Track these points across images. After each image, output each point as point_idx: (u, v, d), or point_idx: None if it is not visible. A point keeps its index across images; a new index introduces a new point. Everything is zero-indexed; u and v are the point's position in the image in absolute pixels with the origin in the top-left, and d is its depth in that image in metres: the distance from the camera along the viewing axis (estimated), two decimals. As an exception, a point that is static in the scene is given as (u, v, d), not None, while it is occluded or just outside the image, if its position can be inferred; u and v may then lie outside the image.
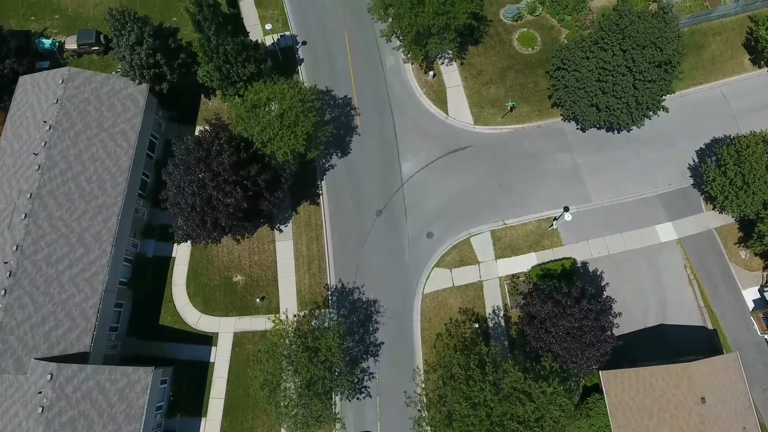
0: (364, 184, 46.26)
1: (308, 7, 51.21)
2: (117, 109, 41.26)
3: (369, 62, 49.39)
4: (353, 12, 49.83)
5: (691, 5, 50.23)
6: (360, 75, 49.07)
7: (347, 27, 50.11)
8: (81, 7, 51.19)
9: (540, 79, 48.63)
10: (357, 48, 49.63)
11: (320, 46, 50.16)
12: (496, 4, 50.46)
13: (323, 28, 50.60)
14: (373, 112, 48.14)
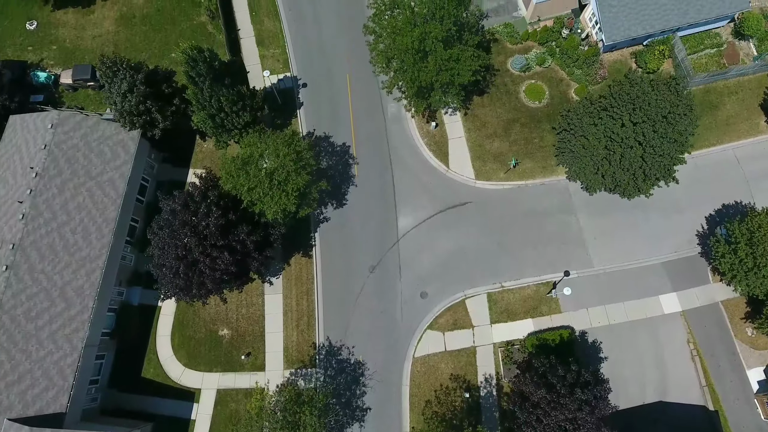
0: (358, 238, 44.90)
1: (311, 49, 49.81)
2: (106, 156, 40.18)
3: (370, 109, 47.95)
4: (356, 56, 48.15)
5: (707, 62, 48.37)
6: (360, 122, 47.67)
7: (350, 71, 48.63)
8: (79, 39, 50.17)
9: (546, 134, 47.00)
10: (358, 93, 48.16)
11: (321, 90, 48.70)
12: (504, 54, 48.87)
13: (325, 71, 49.13)
14: (371, 161, 46.74)
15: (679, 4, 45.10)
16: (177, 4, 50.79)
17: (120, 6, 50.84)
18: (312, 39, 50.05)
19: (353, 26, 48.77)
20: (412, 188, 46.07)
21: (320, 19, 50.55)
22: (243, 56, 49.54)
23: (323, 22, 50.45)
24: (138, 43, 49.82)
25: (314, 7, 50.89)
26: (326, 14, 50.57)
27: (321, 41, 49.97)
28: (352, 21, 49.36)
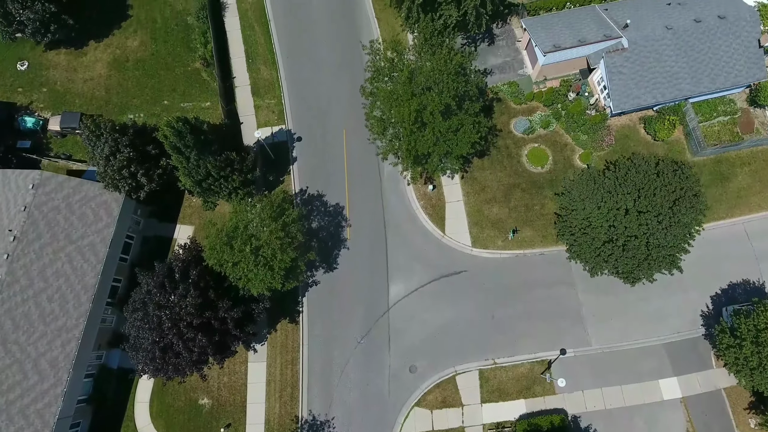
0: (348, 305, 43.23)
1: (307, 100, 47.95)
2: (88, 219, 38.79)
3: (366, 167, 46.10)
4: (354, 111, 46.07)
5: (719, 130, 46.30)
6: (355, 180, 45.91)
7: (347, 127, 46.99)
8: (70, 82, 48.74)
9: (547, 201, 45.12)
10: (354, 150, 46.30)
11: (316, 145, 46.89)
12: (507, 114, 47.01)
13: (321, 125, 47.28)
14: (365, 224, 45.01)
15: (693, 73, 43.12)
16: (172, 49, 49.33)
17: (113, 49, 49.44)
18: (309, 90, 48.30)
19: (353, 79, 47.11)
20: (406, 254, 44.36)
21: (319, 69, 48.79)
22: (237, 105, 47.97)
23: (322, 73, 48.64)
24: (130, 89, 48.38)
25: (313, 57, 49.15)
26: (325, 65, 48.83)
27: (318, 93, 48.17)
28: (352, 74, 47.61)
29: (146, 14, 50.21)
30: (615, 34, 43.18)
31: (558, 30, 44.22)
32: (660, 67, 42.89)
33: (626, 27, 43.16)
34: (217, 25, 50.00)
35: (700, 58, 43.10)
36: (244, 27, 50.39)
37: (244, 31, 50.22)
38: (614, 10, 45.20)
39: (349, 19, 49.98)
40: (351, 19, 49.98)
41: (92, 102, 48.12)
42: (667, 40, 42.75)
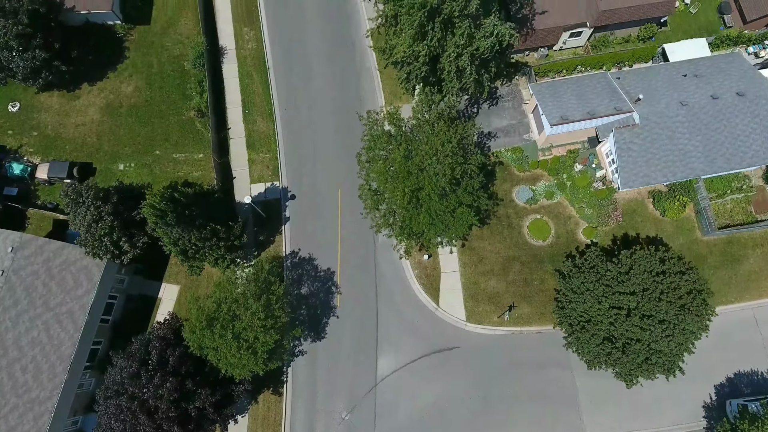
0: (334, 378, 41.63)
1: (304, 157, 46.19)
2: (68, 285, 37.45)
3: (359, 232, 44.18)
4: (351, 172, 43.45)
5: (732, 208, 44.13)
6: (348, 245, 44.23)
7: (342, 187, 45.40)
8: (62, 126, 47.37)
9: (547, 277, 43.23)
10: (349, 212, 44.50)
11: (310, 204, 45.19)
12: (510, 181, 45.12)
13: (316, 183, 45.58)
14: (356, 291, 43.35)
15: (706, 152, 41.01)
16: (167, 96, 47.82)
17: (107, 93, 47.99)
18: (305, 146, 46.57)
19: (351, 139, 45.30)
20: (397, 325, 42.63)
21: (316, 125, 47.04)
22: (231, 158, 46.52)
23: (319, 129, 46.93)
24: (122, 136, 46.96)
25: (311, 112, 47.24)
26: (324, 120, 47.01)
27: (315, 150, 46.48)
28: (351, 134, 45.68)
29: (142, 58, 48.82)
30: (626, 107, 41.16)
31: (567, 99, 42.26)
32: (672, 144, 40.84)
33: (638, 101, 41.17)
34: (214, 71, 48.47)
35: (714, 137, 40.99)
36: (242, 75, 48.81)
37: (242, 80, 48.68)
38: (627, 79, 43.15)
39: (351, 73, 48.05)
40: (353, 73, 48.04)
41: (83, 149, 46.85)
42: (681, 117, 40.69)
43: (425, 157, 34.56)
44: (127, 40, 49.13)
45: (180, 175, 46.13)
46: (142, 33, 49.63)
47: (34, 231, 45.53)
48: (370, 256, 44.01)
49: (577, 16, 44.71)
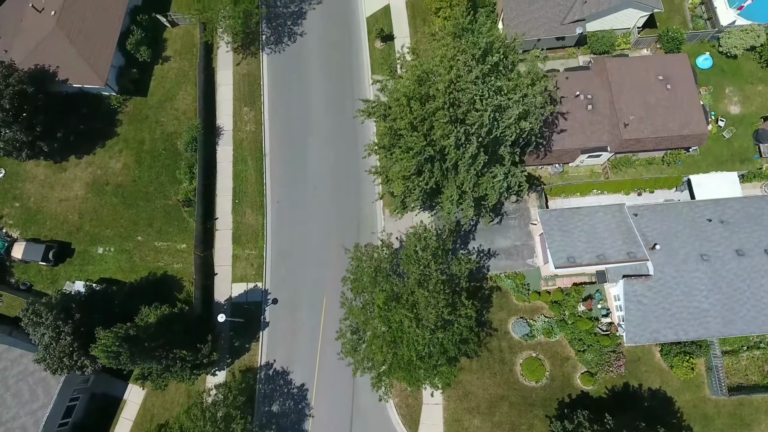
0: None
1: (291, 259, 43.35)
2: (23, 397, 35.40)
3: (340, 347, 41.42)
4: (339, 281, 39.45)
5: (747, 366, 40.23)
6: (327, 361, 41.17)
7: (328, 297, 42.53)
8: (45, 199, 45.31)
9: (537, 422, 39.70)
10: (332, 324, 41.06)
11: (292, 312, 42.37)
12: (506, 310, 41.73)
13: (301, 289, 42.65)
14: (330, 416, 40.30)
15: (725, 313, 37.00)
16: (155, 177, 45.50)
17: (94, 168, 45.88)
18: (294, 247, 43.77)
19: (346, 237, 42.34)
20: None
21: (308, 225, 44.14)
22: (215, 252, 44.18)
23: (311, 230, 44.01)
24: (105, 217, 44.80)
25: (305, 210, 44.28)
26: (317, 222, 44.06)
27: (304, 252, 43.58)
28: (344, 236, 42.77)
29: (135, 133, 46.55)
30: (641, 254, 37.57)
31: (576, 236, 38.74)
32: (687, 301, 37.05)
33: (655, 248, 37.64)
34: (208, 152, 46.13)
35: (736, 296, 37.08)
36: (236, 159, 46.25)
37: (235, 165, 46.09)
38: (645, 217, 39.38)
39: (352, 178, 44.59)
40: (354, 178, 44.51)
41: (63, 226, 44.80)
42: (700, 273, 36.95)
43: (406, 319, 31.66)
44: (121, 112, 46.91)
45: (160, 266, 43.89)
46: (138, 105, 47.37)
47: (5, 310, 43.91)
48: (349, 378, 40.96)
49: (597, 141, 41.14)
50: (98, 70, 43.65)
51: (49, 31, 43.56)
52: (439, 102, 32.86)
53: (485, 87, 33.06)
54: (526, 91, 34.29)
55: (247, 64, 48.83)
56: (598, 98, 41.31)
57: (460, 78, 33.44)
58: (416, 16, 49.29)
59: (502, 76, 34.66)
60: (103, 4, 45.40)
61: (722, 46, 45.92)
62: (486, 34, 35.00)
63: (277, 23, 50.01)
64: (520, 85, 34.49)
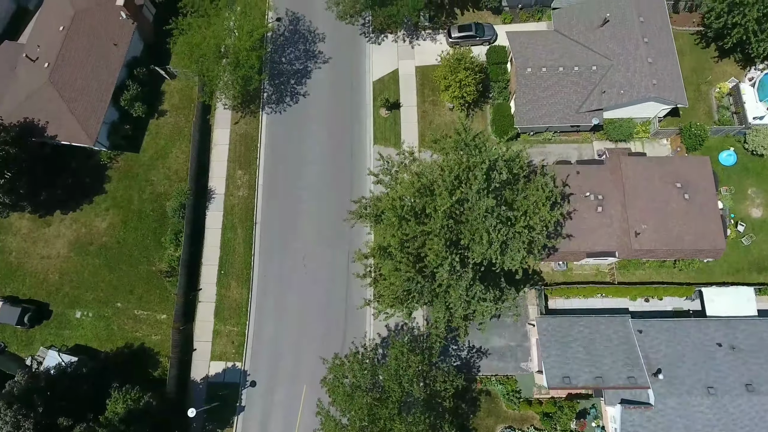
0: None
1: (273, 341, 41.15)
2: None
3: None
4: (322, 370, 37.29)
5: (750, 501, 37.67)
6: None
7: (308, 386, 40.12)
8: (26, 255, 43.32)
9: None
10: (310, 419, 38.44)
11: (270, 396, 40.19)
12: (494, 416, 38.69)
13: (280, 375, 40.49)
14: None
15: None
16: (140, 240, 43.65)
17: (79, 226, 44.15)
18: (278, 327, 41.59)
19: (331, 330, 40.64)
20: None
21: (295, 302, 41.74)
22: (195, 326, 42.29)
23: (297, 307, 41.65)
24: (86, 279, 43.04)
25: (292, 288, 41.93)
26: (304, 302, 41.59)
27: (287, 333, 41.34)
28: (331, 325, 40.81)
29: (123, 191, 44.73)
30: (642, 380, 34.85)
31: (574, 350, 36.20)
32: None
33: (657, 375, 35.04)
34: (197, 216, 44.27)
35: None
36: (225, 227, 44.25)
37: (224, 233, 44.09)
38: (650, 336, 36.58)
39: (342, 260, 42.02)
40: (344, 260, 41.93)
41: (43, 285, 43.13)
42: (705, 408, 34.12)
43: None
44: (111, 168, 45.26)
45: (138, 336, 42.12)
46: (129, 161, 45.59)
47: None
48: (324, 475, 39.40)
49: (605, 245, 38.48)
50: (88, 129, 41.93)
51: (40, 84, 41.92)
52: (436, 226, 30.53)
53: (494, 219, 30.61)
54: (533, 221, 31.78)
55: (246, 123, 46.97)
56: (610, 199, 38.72)
57: (466, 200, 31.00)
58: (425, 84, 47.00)
59: (509, 196, 32.19)
60: (100, 57, 43.58)
61: (748, 144, 43.12)
62: (490, 152, 32.30)
63: (280, 81, 48.05)
64: (528, 211, 32.00)
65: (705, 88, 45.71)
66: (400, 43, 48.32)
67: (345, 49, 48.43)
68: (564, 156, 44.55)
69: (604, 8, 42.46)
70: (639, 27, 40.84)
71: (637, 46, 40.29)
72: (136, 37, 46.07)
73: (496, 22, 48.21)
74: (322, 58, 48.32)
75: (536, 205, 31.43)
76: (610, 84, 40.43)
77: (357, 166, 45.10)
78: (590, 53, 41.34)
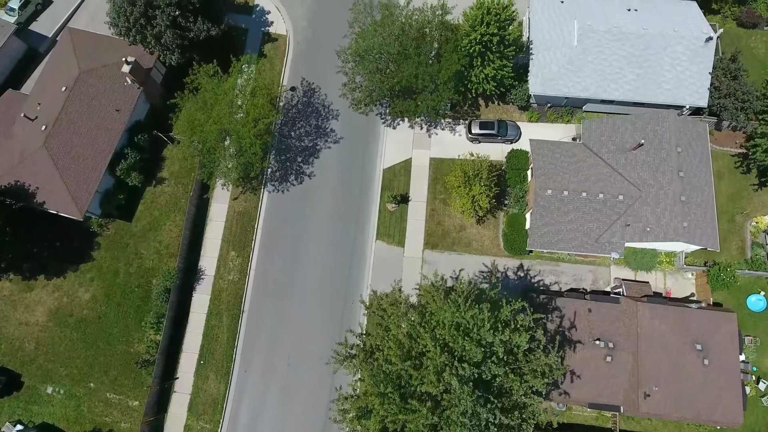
0: None
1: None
2: None
3: None
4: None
5: None
6: None
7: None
8: (4, 319, 41.40)
9: None
10: None
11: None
12: None
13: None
14: None
15: None
16: (121, 317, 41.45)
17: (61, 295, 42.22)
18: (255, 428, 38.96)
19: None
20: None
21: (273, 403, 39.24)
22: (166, 419, 40.16)
23: (275, 409, 39.15)
24: (61, 353, 41.12)
25: (274, 388, 39.53)
26: (283, 398, 39.15)
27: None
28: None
29: (111, 262, 42.74)
30: None
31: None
32: None
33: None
34: (182, 297, 42.16)
35: None
36: (211, 312, 41.85)
37: (209, 319, 41.74)
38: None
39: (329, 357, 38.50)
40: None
41: (17, 354, 41.31)
42: None
43: None
44: (101, 235, 43.34)
45: (107, 422, 40.01)
46: (120, 230, 43.58)
47: (-58, 433, 41.42)
48: None
49: (610, 398, 35.20)
50: (79, 201, 39.87)
51: (35, 148, 40.05)
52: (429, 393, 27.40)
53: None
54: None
55: (245, 200, 44.59)
56: (621, 348, 35.36)
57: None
58: (438, 179, 44.03)
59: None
60: (100, 123, 41.52)
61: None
62: (489, 335, 28.46)
63: (287, 157, 45.62)
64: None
65: (740, 219, 42.07)
66: (417, 130, 45.46)
67: (358, 129, 45.71)
68: (577, 278, 41.36)
69: (639, 129, 39.15)
70: (676, 158, 37.46)
71: (671, 180, 36.92)
72: (142, 100, 44.03)
73: (521, 119, 45.19)
74: (333, 136, 45.90)
75: (533, 376, 28.50)
76: (636, 217, 37.17)
77: (356, 263, 42.29)
78: (618, 179, 38.08)
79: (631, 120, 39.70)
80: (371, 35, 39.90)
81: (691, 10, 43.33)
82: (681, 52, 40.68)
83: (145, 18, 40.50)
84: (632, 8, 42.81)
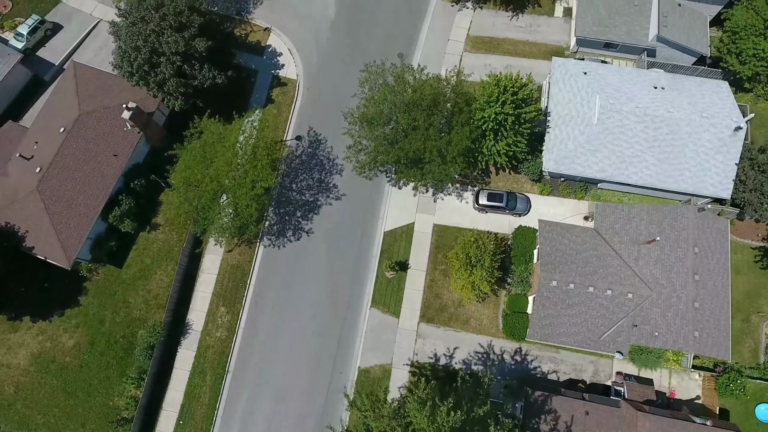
0: None
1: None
2: None
3: None
4: None
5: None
6: None
7: None
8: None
9: None
10: None
11: None
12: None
13: None
14: None
15: None
16: (104, 368, 40.22)
17: (45, 339, 41.18)
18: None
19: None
20: None
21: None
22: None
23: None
24: (40, 400, 40.13)
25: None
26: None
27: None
28: None
29: (97, 309, 41.52)
30: None
31: None
32: None
33: None
34: (167, 352, 40.85)
35: None
36: (195, 370, 40.45)
37: (192, 377, 40.33)
38: None
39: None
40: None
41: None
42: None
43: None
44: (89, 280, 42.21)
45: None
46: (109, 276, 42.38)
47: None
48: None
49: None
50: (68, 249, 38.76)
51: (28, 191, 39.07)
52: None
53: None
54: None
55: (240, 253, 43.12)
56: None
57: None
58: (440, 248, 42.17)
59: None
60: (96, 168, 40.41)
61: (794, 403, 37.37)
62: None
63: (286, 210, 44.05)
64: None
65: (756, 319, 39.86)
66: (422, 193, 43.81)
67: (362, 186, 43.63)
68: (577, 369, 39.32)
69: (656, 222, 37.03)
70: (692, 259, 35.32)
71: (684, 284, 34.83)
72: (142, 143, 42.84)
73: (532, 190, 43.16)
74: (335, 192, 44.21)
75: None
76: (645, 319, 35.11)
77: (348, 330, 40.66)
78: (628, 274, 35.97)
79: (647, 210, 37.58)
80: (381, 101, 38.26)
81: (721, 90, 40.94)
82: (707, 140, 38.38)
83: (149, 64, 39.31)
84: (659, 86, 40.81)
